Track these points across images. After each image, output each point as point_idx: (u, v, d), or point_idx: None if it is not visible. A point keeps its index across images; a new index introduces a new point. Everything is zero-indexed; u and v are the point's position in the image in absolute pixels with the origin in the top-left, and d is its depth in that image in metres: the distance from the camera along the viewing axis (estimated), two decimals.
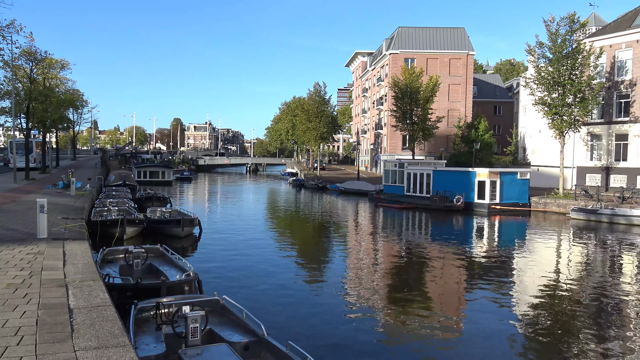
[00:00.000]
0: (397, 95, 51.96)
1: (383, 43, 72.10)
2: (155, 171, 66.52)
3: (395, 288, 15.90)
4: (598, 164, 41.92)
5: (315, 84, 75.02)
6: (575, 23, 35.85)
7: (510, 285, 16.48)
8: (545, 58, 37.13)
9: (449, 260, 20.41)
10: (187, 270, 12.55)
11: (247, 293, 13.99)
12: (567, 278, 17.41)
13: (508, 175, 36.85)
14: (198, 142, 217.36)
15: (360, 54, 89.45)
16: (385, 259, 20.74)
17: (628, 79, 39.83)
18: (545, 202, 35.84)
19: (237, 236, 24.62)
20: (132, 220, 22.26)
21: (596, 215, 30.66)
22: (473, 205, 35.99)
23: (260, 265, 17.93)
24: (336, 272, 18.12)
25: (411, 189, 41.33)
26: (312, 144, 75.59)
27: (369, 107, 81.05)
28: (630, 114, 39.74)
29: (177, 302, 9.30)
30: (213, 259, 18.85)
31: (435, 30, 68.48)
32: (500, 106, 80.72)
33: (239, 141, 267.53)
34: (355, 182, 55.01)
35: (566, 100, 36.05)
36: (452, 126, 61.95)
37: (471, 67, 68.03)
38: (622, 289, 15.52)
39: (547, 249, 23.59)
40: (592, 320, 12.63)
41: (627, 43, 40.03)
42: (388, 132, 65.63)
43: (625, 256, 21.63)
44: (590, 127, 41.95)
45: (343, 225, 31.67)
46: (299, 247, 23.82)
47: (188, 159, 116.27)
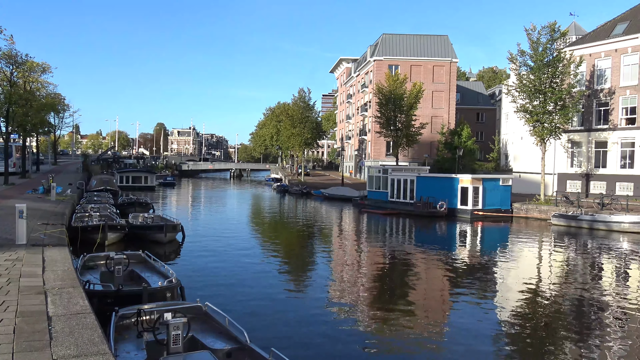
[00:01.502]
0: (381, 102, 52.25)
1: (367, 50, 72.50)
2: (137, 176, 65.90)
3: (379, 294, 15.93)
4: (578, 171, 42.55)
5: (299, 90, 75.17)
6: (556, 32, 36.43)
7: (493, 290, 16.62)
8: (527, 66, 37.65)
9: (432, 265, 20.52)
10: (169, 277, 12.43)
11: (230, 299, 13.89)
12: (549, 283, 17.61)
13: (490, 181, 37.22)
14: (182, 147, 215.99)
15: (344, 60, 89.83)
16: (369, 265, 20.77)
17: (607, 88, 40.56)
18: (527, 208, 36.24)
19: (221, 242, 24.46)
20: (114, 225, 21.99)
21: (577, 221, 31.09)
22: (456, 212, 36.25)
23: (243, 272, 17.83)
24: (320, 278, 18.09)
25: (395, 195, 41.50)
26: (297, 149, 75.59)
27: (354, 113, 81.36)
28: (609, 121, 40.45)
29: (158, 309, 9.19)
30: (196, 265, 18.69)
31: (419, 38, 69.09)
32: (483, 113, 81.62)
33: (223, 146, 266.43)
34: (339, 188, 55.09)
35: (547, 108, 36.56)
36: (435, 133, 62.45)
37: (454, 75, 68.70)
38: (602, 294, 15.73)
39: (529, 255, 23.84)
40: (573, 324, 12.78)
41: (606, 52, 40.80)
42: (372, 138, 65.92)
43: (604, 261, 21.95)
44: (570, 134, 42.59)
45: (327, 231, 31.66)
46: (283, 253, 23.74)
47: (171, 164, 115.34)
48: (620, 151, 40.03)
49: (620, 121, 40.00)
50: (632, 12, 41.74)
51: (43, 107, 42.49)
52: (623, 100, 39.78)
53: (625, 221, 29.27)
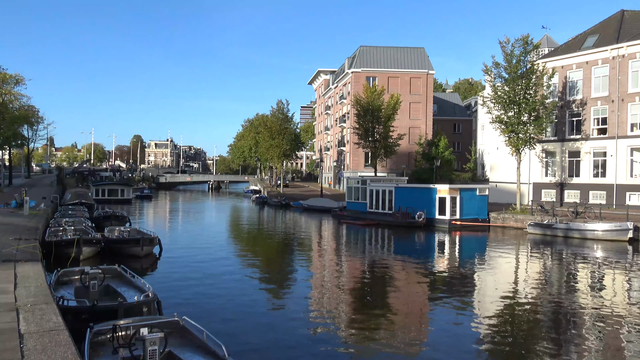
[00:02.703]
0: (360, 113, 52.61)
1: (345, 61, 73.06)
2: (114, 189, 65.04)
3: (359, 306, 15.90)
4: (553, 180, 43.33)
5: (278, 102, 75.31)
6: (529, 45, 37.22)
7: (472, 299, 16.75)
8: (501, 78, 38.34)
9: (411, 276, 20.60)
10: (146, 291, 12.24)
11: (209, 313, 13.72)
12: (526, 291, 17.81)
13: (468, 191, 37.64)
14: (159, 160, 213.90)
15: (322, 72, 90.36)
16: (348, 276, 20.75)
17: (579, 99, 41.53)
18: (503, 218, 36.72)
19: (199, 255, 24.20)
20: (89, 240, 21.61)
21: (552, 229, 31.59)
22: (434, 221, 36.52)
23: (222, 285, 17.65)
24: (299, 290, 18.01)
25: (374, 206, 41.65)
26: (275, 161, 75.51)
27: (332, 125, 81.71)
28: (582, 131, 41.37)
29: (134, 324, 9.03)
30: (173, 279, 18.43)
31: (396, 50, 69.91)
32: (460, 124, 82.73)
33: (202, 158, 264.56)
34: (318, 199, 55.09)
35: (521, 119, 37.23)
36: (413, 143, 63.02)
37: (431, 86, 69.58)
38: (578, 301, 15.97)
39: (506, 263, 24.11)
40: (551, 331, 12.93)
41: (577, 64, 41.81)
42: (351, 149, 66.21)
43: (579, 269, 22.31)
44: (544, 144, 43.40)
45: (306, 242, 31.59)
46: (262, 265, 23.58)
47: (148, 177, 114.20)
48: (593, 161, 40.92)
49: (592, 131, 40.94)
50: (601, 26, 42.92)
51: (16, 119, 41.82)
52: (594, 111, 40.75)
53: (599, 229, 29.85)
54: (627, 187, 38.52)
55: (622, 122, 38.85)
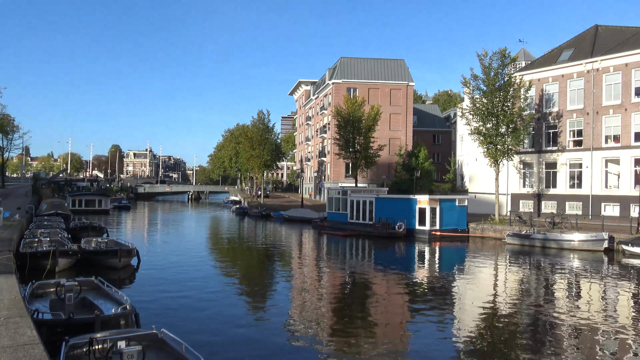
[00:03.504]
0: (340, 124, 52.83)
1: (326, 72, 73.47)
2: (91, 199, 64.13)
3: (339, 315, 15.85)
4: (530, 191, 43.99)
5: (259, 112, 75.32)
6: (507, 58, 37.91)
7: (452, 309, 16.83)
8: (480, 90, 38.93)
9: (391, 286, 20.64)
10: (123, 303, 12.03)
11: (188, 325, 13.53)
12: (505, 301, 17.97)
13: (447, 202, 37.96)
14: (138, 170, 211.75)
15: (303, 83, 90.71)
16: (329, 287, 20.70)
17: (555, 111, 42.36)
18: (482, 228, 37.09)
19: (178, 266, 23.91)
20: (65, 251, 21.21)
21: (529, 240, 32.01)
22: (414, 232, 36.71)
23: (201, 297, 17.44)
24: (279, 301, 17.90)
25: (354, 217, 41.73)
26: (256, 171, 75.30)
27: (313, 135, 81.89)
28: (558, 143, 42.16)
29: (112, 337, 8.86)
30: (152, 291, 18.17)
31: (377, 62, 70.57)
32: (439, 135, 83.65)
33: (181, 169, 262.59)
34: (299, 210, 55.01)
35: (499, 130, 37.80)
36: (393, 154, 63.46)
37: (411, 98, 70.31)
38: (555, 310, 16.15)
39: (486, 274, 24.32)
40: (530, 340, 13.03)
41: (553, 77, 42.71)
42: (331, 160, 66.40)
43: (557, 279, 22.60)
44: (522, 155, 44.09)
45: (287, 253, 31.46)
46: (242, 276, 23.39)
47: (127, 187, 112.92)
48: (569, 172, 41.70)
49: (568, 143, 41.76)
50: (576, 40, 43.98)
51: None
52: (570, 123, 41.60)
53: (575, 239, 30.34)
54: (602, 197, 39.29)
55: (597, 134, 39.71)
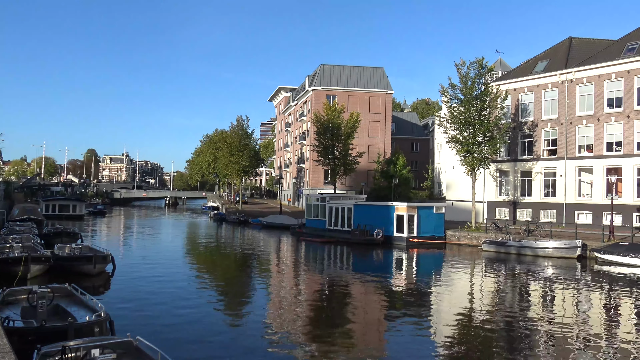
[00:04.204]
0: (319, 131, 52.93)
1: (306, 79, 73.61)
2: (65, 205, 62.99)
3: (317, 323, 15.82)
4: (506, 199, 44.64)
5: (238, 118, 74.97)
6: (484, 67, 38.47)
7: (429, 316, 16.94)
8: (457, 99, 39.40)
9: (370, 293, 20.70)
10: (97, 311, 11.82)
11: (164, 333, 13.35)
12: (481, 307, 18.17)
13: (425, 209, 38.26)
14: (114, 175, 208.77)
15: (283, 89, 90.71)
16: (307, 293, 20.66)
17: (530, 120, 43.14)
18: (459, 235, 37.46)
19: (154, 273, 23.59)
20: (38, 257, 20.78)
21: (505, 247, 32.44)
22: (392, 239, 36.88)
23: (177, 303, 17.23)
24: (257, 308, 17.79)
25: (333, 223, 41.75)
26: (234, 177, 74.91)
27: (292, 142, 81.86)
28: (533, 152, 42.91)
29: (85, 345, 8.69)
30: (127, 298, 17.89)
31: (356, 69, 71.00)
32: (417, 143, 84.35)
33: (158, 174, 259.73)
34: (277, 216, 54.84)
35: (476, 139, 38.30)
36: (372, 161, 63.74)
37: (390, 105, 70.82)
38: (529, 316, 16.39)
39: (462, 280, 24.55)
40: (505, 346, 13.20)
41: (529, 87, 43.52)
42: (310, 166, 66.42)
43: (531, 285, 22.94)
44: (498, 164, 44.75)
45: (265, 259, 31.32)
46: (219, 283, 23.21)
47: (102, 192, 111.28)
48: (544, 180, 42.45)
49: (543, 152, 42.53)
50: (551, 51, 44.93)
51: None
52: (545, 133, 42.40)
53: (549, 247, 30.86)
54: (575, 206, 40.07)
55: (570, 144, 40.54)
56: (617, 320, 16.75)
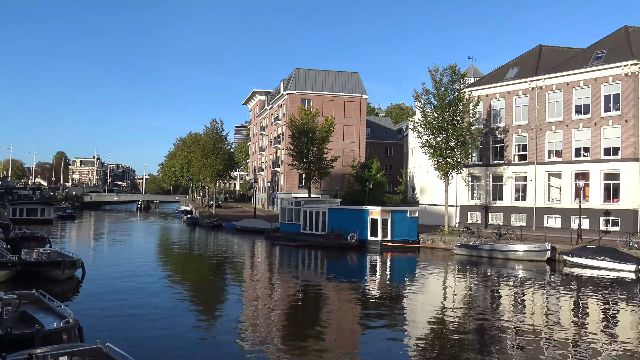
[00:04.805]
0: (294, 135, 52.92)
1: (281, 83, 73.58)
2: (33, 208, 61.50)
3: (291, 327, 15.78)
4: (478, 203, 45.33)
5: (212, 121, 74.26)
6: (456, 74, 39.04)
7: (402, 319, 17.05)
8: (431, 104, 39.88)
9: (344, 296, 20.73)
10: (66, 317, 11.55)
11: (134, 339, 13.13)
12: (453, 310, 18.37)
13: (399, 213, 38.55)
14: (84, 178, 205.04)
15: (258, 93, 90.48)
16: (281, 298, 20.57)
17: (502, 126, 43.95)
18: (432, 239, 37.85)
19: (125, 278, 23.18)
20: (3, 262, 20.25)
21: (477, 250, 32.91)
22: (366, 243, 37.04)
23: (149, 309, 16.97)
24: (231, 313, 17.64)
25: (307, 227, 41.74)
26: (208, 181, 74.25)
27: (267, 145, 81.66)
28: (504, 157, 43.71)
29: (53, 353, 8.48)
30: (97, 304, 17.54)
31: (331, 74, 71.28)
32: (391, 147, 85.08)
33: (130, 177, 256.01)
34: (251, 220, 54.57)
35: (449, 144, 38.81)
36: (346, 166, 64.03)
37: (364, 110, 71.30)
38: (501, 318, 16.64)
39: (435, 284, 24.80)
40: (476, 347, 13.36)
41: (500, 94, 44.35)
42: (285, 170, 66.33)
43: (502, 288, 23.32)
44: (470, 168, 45.43)
45: (238, 264, 31.10)
46: (192, 288, 22.94)
47: (72, 196, 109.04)
48: (514, 185, 43.26)
49: (514, 157, 43.36)
50: (521, 59, 45.89)
51: None
52: (516, 138, 43.25)
53: (520, 250, 31.42)
54: (545, 209, 40.94)
55: (540, 149, 41.43)
56: (584, 321, 17.15)
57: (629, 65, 36.69)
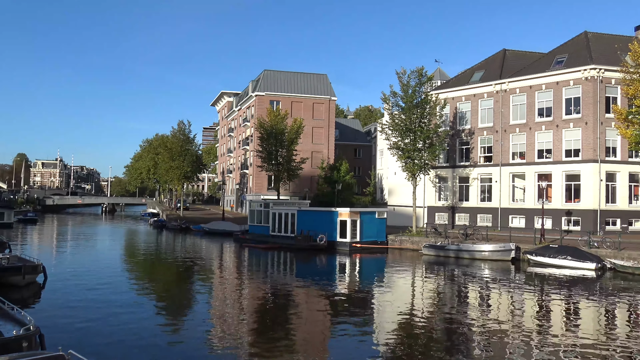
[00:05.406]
0: (263, 136, 52.67)
1: (249, 84, 73.15)
2: None
3: (260, 330, 15.67)
4: (445, 204, 46.00)
5: (179, 122, 73.35)
6: (423, 76, 39.49)
7: (372, 320, 17.16)
8: (398, 106, 40.25)
9: (313, 298, 20.71)
10: (26, 324, 11.18)
11: (99, 345, 12.81)
12: (422, 310, 18.58)
13: (367, 214, 38.77)
14: (47, 180, 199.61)
15: (226, 94, 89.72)
16: (250, 301, 20.43)
17: (468, 128, 44.73)
18: (400, 240, 38.20)
19: (89, 283, 22.59)
20: None
21: (444, 251, 33.37)
22: (336, 244, 37.11)
23: (114, 314, 16.57)
24: (198, 317, 17.41)
25: (276, 229, 41.58)
26: (176, 183, 73.22)
27: (235, 147, 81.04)
28: (470, 159, 44.50)
29: None
30: (59, 310, 17.04)
31: (300, 75, 71.27)
32: (360, 149, 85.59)
33: (95, 179, 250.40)
34: (220, 223, 54.04)
35: (417, 146, 39.25)
36: (315, 167, 64.08)
37: (333, 112, 71.53)
38: (467, 316, 16.91)
39: (403, 284, 25.03)
40: (445, 346, 13.54)
41: (466, 97, 45.14)
42: (254, 172, 65.95)
43: (469, 287, 23.71)
44: (437, 170, 46.08)
45: (206, 267, 30.74)
46: (159, 292, 22.54)
47: (33, 199, 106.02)
48: (480, 186, 44.08)
49: (479, 159, 44.19)
50: (487, 62, 46.83)
51: None
52: (481, 140, 44.09)
53: (485, 250, 32.02)
54: (509, 210, 41.84)
55: (504, 151, 42.34)
56: (548, 317, 17.59)
57: (589, 70, 37.87)
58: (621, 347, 13.63)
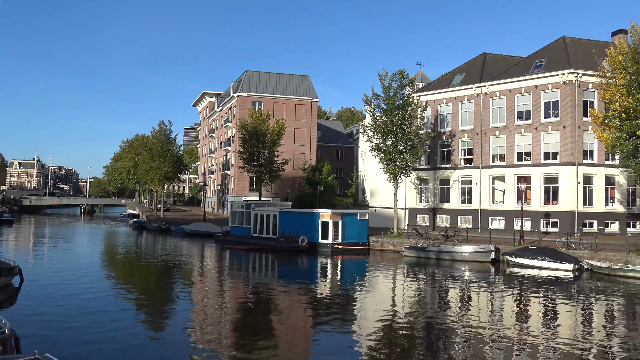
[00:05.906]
0: (245, 137, 52.40)
1: (231, 85, 72.80)
2: None
3: (242, 332, 15.57)
4: (426, 206, 46.33)
5: (160, 122, 72.78)
6: (405, 79, 39.74)
7: (353, 321, 17.17)
8: (380, 108, 40.47)
9: (294, 300, 20.67)
10: (1, 327, 10.92)
11: (76, 349, 12.58)
12: (403, 310, 18.66)
13: (349, 216, 38.84)
14: (23, 181, 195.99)
15: (207, 95, 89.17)
16: (231, 303, 20.30)
17: (448, 131, 45.13)
18: (382, 241, 38.35)
19: (66, 285, 22.21)
20: None
21: (425, 252, 33.58)
22: (317, 246, 37.10)
23: (91, 316, 16.31)
24: (179, 319, 17.22)
25: (258, 230, 41.42)
26: (156, 184, 72.52)
27: (217, 148, 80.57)
28: (451, 161, 44.90)
29: None
30: (35, 312, 16.71)
31: (282, 76, 71.14)
32: (342, 151, 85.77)
33: (73, 180, 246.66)
34: (201, 224, 53.64)
35: (398, 148, 39.47)
36: (297, 169, 64.01)
37: (315, 113, 71.54)
38: (448, 317, 17.04)
39: (385, 285, 25.13)
40: (426, 346, 13.63)
41: (447, 99, 45.54)
42: (235, 173, 65.63)
43: (449, 288, 23.90)
44: (419, 172, 46.39)
45: (187, 269, 30.48)
46: (138, 294, 22.26)
47: (10, 199, 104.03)
48: (461, 188, 44.50)
49: (460, 161, 44.60)
50: (467, 65, 47.30)
51: None
52: (462, 142, 44.52)
53: (466, 251, 32.31)
54: (489, 212, 42.29)
55: (485, 153, 42.80)
56: (527, 317, 17.80)
57: (567, 74, 38.51)
58: (597, 346, 13.88)
